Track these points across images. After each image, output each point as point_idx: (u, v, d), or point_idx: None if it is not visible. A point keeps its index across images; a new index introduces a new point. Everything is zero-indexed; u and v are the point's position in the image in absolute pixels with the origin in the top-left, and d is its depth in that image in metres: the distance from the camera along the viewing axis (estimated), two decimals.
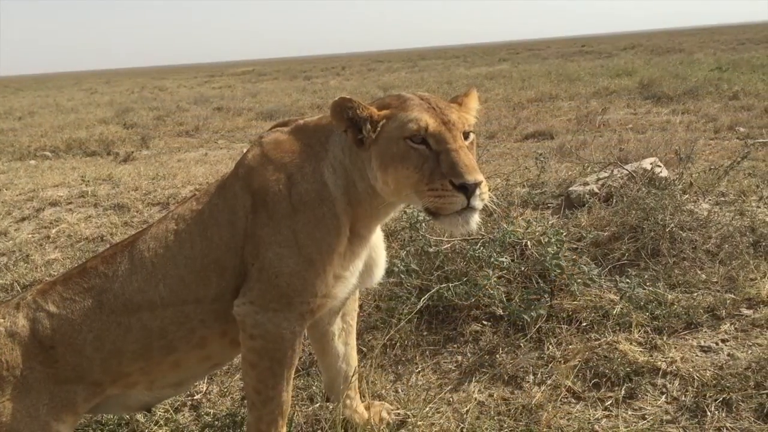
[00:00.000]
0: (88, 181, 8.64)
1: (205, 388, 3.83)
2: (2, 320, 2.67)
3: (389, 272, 3.97)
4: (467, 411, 3.34)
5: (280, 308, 2.62)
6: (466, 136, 2.55)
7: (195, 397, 3.77)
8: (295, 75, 43.73)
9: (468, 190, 2.37)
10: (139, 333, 2.68)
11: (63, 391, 2.65)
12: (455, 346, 3.99)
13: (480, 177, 2.38)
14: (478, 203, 2.41)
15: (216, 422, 3.42)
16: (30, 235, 6.87)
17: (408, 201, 2.62)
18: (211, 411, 3.60)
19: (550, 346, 3.81)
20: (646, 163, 5.78)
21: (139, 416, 3.53)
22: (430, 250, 4.41)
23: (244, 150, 2.92)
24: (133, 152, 12.56)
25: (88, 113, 22.18)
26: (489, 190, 2.50)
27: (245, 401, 3.19)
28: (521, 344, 3.84)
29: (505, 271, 4.23)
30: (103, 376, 2.71)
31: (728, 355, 3.59)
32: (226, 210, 2.74)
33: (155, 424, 3.51)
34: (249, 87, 33.06)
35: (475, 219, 2.46)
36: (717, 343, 3.70)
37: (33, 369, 2.62)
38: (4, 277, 5.72)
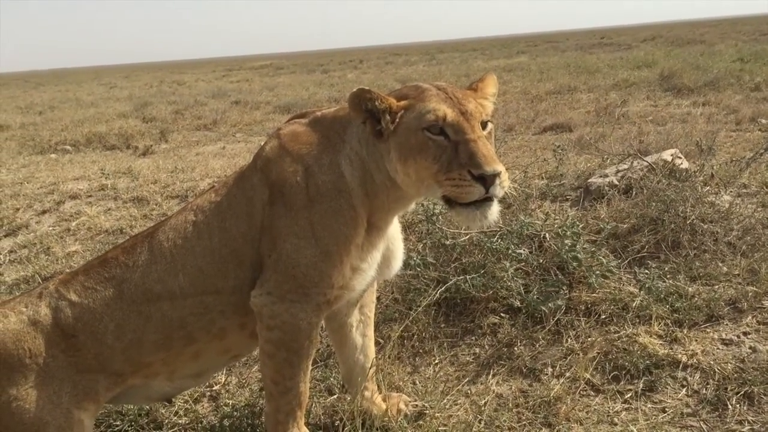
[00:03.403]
0: (108, 174, 8.71)
1: (223, 380, 3.86)
2: (25, 309, 2.71)
3: (406, 265, 3.96)
4: (485, 403, 3.33)
5: (296, 299, 2.63)
6: (484, 125, 2.53)
7: (214, 388, 3.79)
8: (313, 68, 43.75)
9: (487, 181, 2.36)
10: (159, 323, 2.71)
11: (85, 380, 2.68)
12: (473, 338, 3.98)
13: (499, 167, 2.37)
14: (498, 191, 2.40)
15: (235, 413, 3.44)
16: (51, 228, 6.95)
17: (427, 193, 2.61)
18: (230, 402, 3.62)
19: (569, 339, 3.79)
20: (667, 155, 5.71)
21: (160, 406, 3.56)
22: (447, 242, 4.40)
23: (262, 143, 2.92)
24: (151, 146, 12.63)
25: (108, 107, 22.33)
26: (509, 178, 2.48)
27: (263, 392, 3.20)
28: (540, 337, 3.82)
29: (523, 263, 4.21)
30: (125, 366, 2.74)
31: (750, 348, 3.55)
32: (244, 201, 2.75)
33: (175, 415, 3.54)
34: (267, 81, 33.14)
35: (494, 211, 2.45)
36: (738, 336, 3.66)
37: (55, 357, 2.65)
38: (25, 269, 5.79)
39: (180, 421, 3.51)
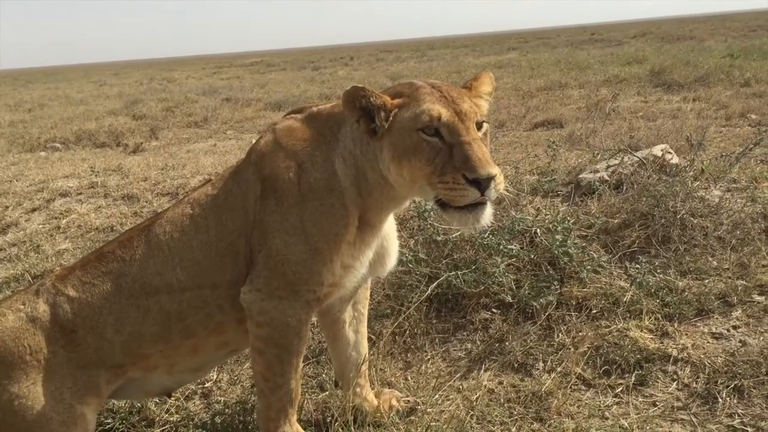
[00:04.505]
0: (98, 172, 8.66)
1: (215, 377, 3.85)
2: (22, 307, 2.71)
3: (398, 261, 3.96)
4: (477, 398, 3.34)
5: (285, 296, 2.63)
6: (479, 125, 2.52)
7: (206, 385, 3.79)
8: (304, 65, 43.58)
9: (481, 185, 2.35)
10: (157, 315, 2.71)
11: (86, 375, 2.69)
12: (465, 333, 3.98)
13: (494, 170, 2.36)
14: (492, 194, 2.39)
15: (226, 410, 3.44)
16: (40, 226, 6.90)
17: (420, 193, 2.60)
18: (222, 399, 3.62)
19: (560, 334, 3.80)
20: (657, 150, 5.72)
21: (151, 404, 3.56)
22: (439, 238, 4.40)
23: (254, 140, 2.92)
24: (142, 143, 12.57)
25: (98, 105, 22.20)
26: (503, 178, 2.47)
27: (255, 389, 3.20)
28: (531, 332, 3.83)
29: (514, 259, 4.22)
30: (125, 359, 2.75)
31: (740, 341, 3.57)
32: (239, 195, 2.75)
33: (166, 412, 3.54)
34: (257, 78, 32.99)
35: (487, 214, 2.43)
36: (728, 330, 3.68)
37: (56, 353, 2.66)
38: (15, 267, 5.76)
39: (171, 419, 3.50)
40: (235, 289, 2.73)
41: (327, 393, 3.52)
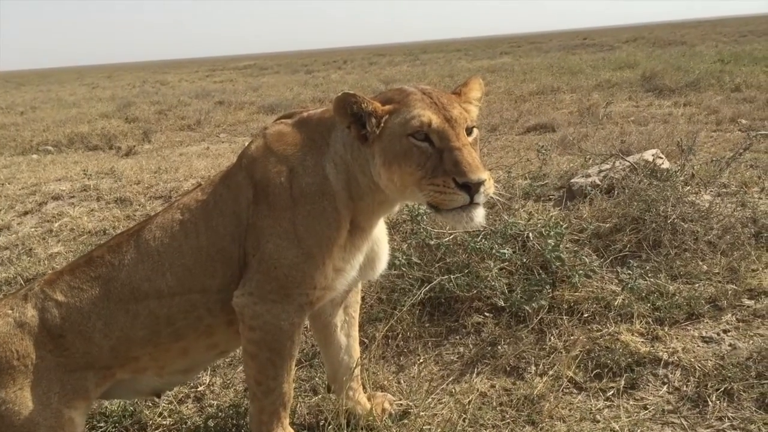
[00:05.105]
0: (91, 175, 8.64)
1: (208, 380, 3.85)
2: (11, 311, 2.70)
3: (391, 264, 3.98)
4: (469, 402, 3.35)
5: (278, 300, 2.64)
6: (469, 131, 2.54)
7: (198, 389, 3.78)
8: (297, 69, 43.60)
9: (471, 189, 2.37)
10: (146, 320, 2.72)
11: (74, 379, 2.69)
12: (457, 337, 4.00)
13: (483, 175, 2.38)
14: (482, 198, 2.41)
15: (219, 413, 3.44)
16: (33, 229, 6.88)
17: (412, 198, 2.62)
18: (215, 402, 3.62)
19: (552, 337, 3.82)
20: (648, 155, 5.76)
21: (144, 408, 3.55)
22: (432, 242, 4.42)
23: (248, 142, 2.93)
24: (135, 146, 12.55)
25: (90, 108, 22.14)
26: (493, 182, 2.49)
27: (248, 392, 3.20)
28: (523, 335, 3.85)
29: (506, 263, 4.23)
30: (113, 362, 2.75)
31: (729, 345, 3.60)
32: (230, 200, 2.76)
33: (159, 416, 3.53)
34: (250, 81, 32.98)
35: (480, 213, 2.45)
36: (718, 334, 3.71)
37: (43, 358, 2.65)
38: (7, 271, 5.74)
39: (164, 422, 3.50)
40: (224, 293, 2.73)
41: (320, 396, 3.52)
